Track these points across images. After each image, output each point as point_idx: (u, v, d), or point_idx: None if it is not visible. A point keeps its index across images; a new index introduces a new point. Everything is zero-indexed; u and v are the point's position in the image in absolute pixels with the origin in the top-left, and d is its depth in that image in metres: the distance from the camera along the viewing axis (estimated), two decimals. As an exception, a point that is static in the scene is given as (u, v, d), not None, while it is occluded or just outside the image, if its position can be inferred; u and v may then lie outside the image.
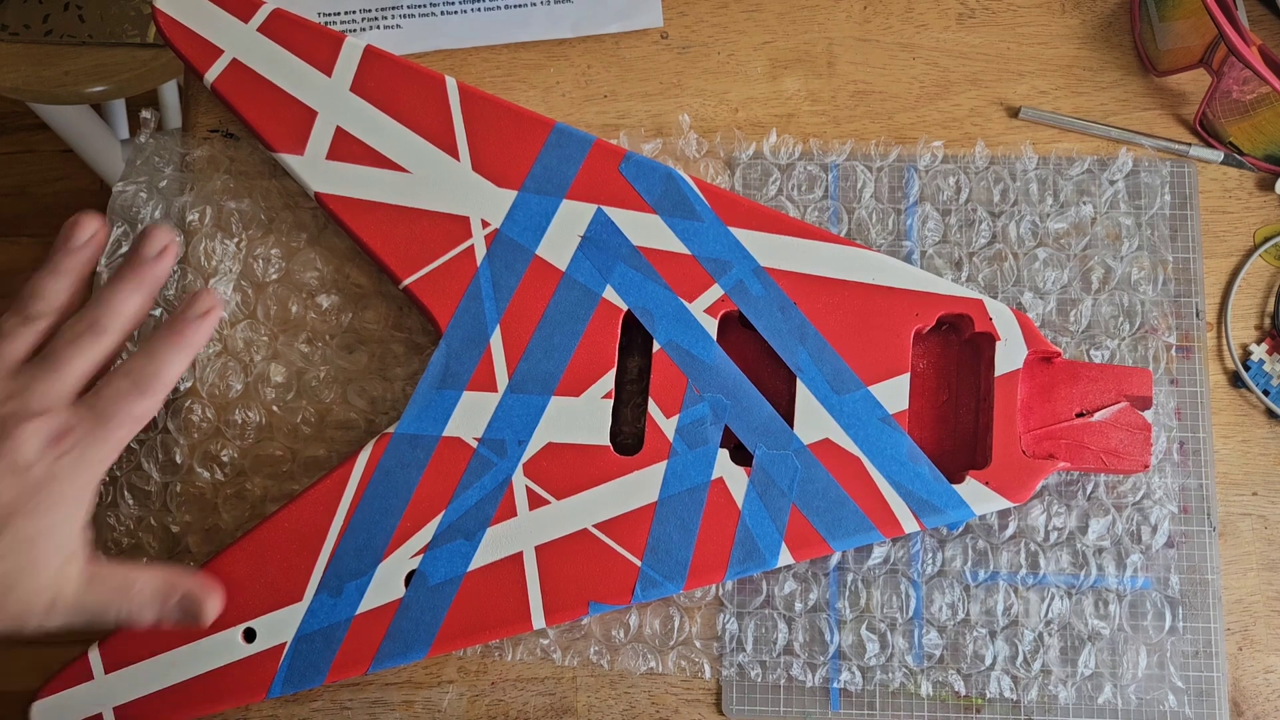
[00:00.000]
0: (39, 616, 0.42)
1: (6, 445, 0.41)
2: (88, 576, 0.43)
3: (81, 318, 0.44)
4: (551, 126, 0.55)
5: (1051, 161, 0.58)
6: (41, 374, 0.43)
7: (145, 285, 0.46)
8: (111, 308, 0.44)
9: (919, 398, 0.55)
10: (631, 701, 0.54)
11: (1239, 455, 0.56)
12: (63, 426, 0.42)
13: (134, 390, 0.43)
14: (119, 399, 0.43)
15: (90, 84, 0.93)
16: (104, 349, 0.44)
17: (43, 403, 0.42)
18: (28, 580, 0.41)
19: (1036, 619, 0.53)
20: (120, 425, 0.43)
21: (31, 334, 0.44)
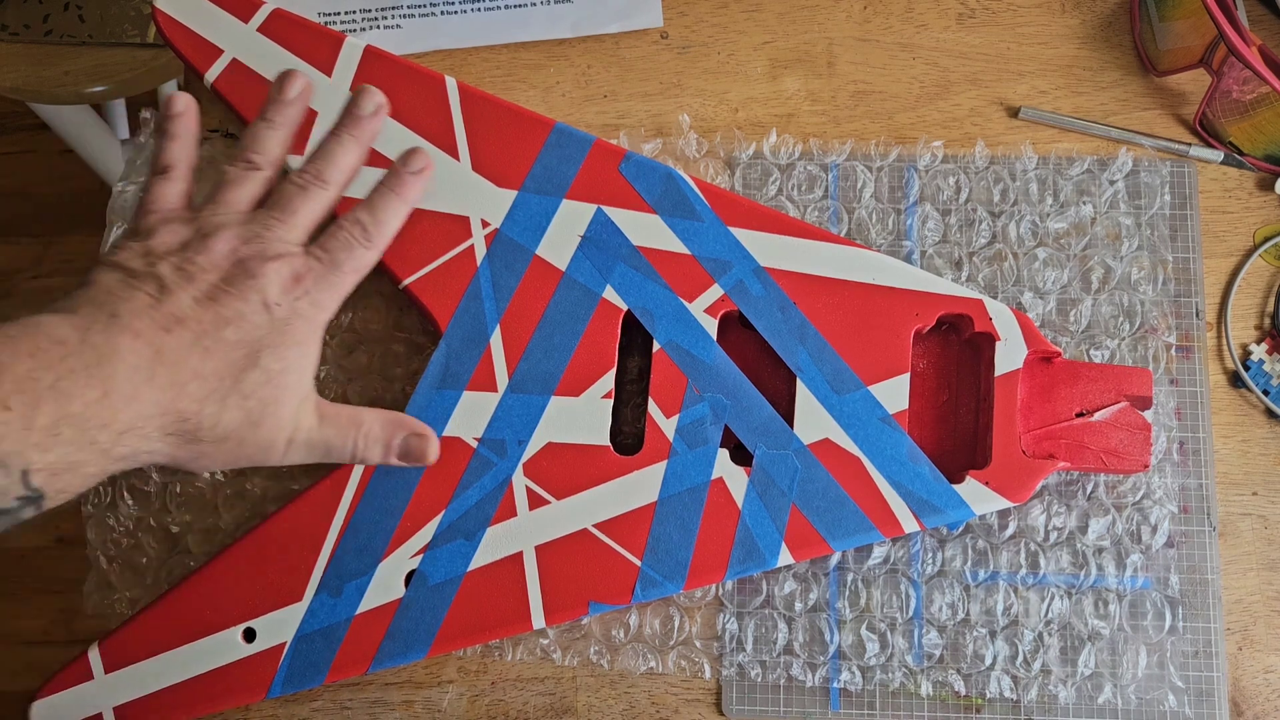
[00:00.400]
0: (281, 449, 0.44)
1: (253, 284, 0.42)
2: (321, 413, 0.45)
3: (306, 169, 0.46)
4: (551, 126, 0.55)
5: (1051, 161, 0.58)
6: (275, 219, 0.44)
7: (362, 140, 0.47)
8: (334, 161, 0.46)
9: (919, 398, 0.55)
10: (631, 701, 0.54)
11: (1239, 455, 0.56)
12: (300, 269, 0.43)
13: (361, 238, 0.45)
14: (348, 247, 0.45)
15: (90, 84, 0.93)
16: (328, 199, 0.46)
17: (280, 246, 0.43)
18: (274, 413, 0.43)
19: (1036, 619, 0.53)
20: (349, 272, 0.45)
21: (256, 181, 0.46)
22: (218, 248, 0.43)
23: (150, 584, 0.55)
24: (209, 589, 0.51)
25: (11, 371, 0.37)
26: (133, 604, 0.55)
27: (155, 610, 0.51)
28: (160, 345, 0.40)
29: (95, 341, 0.39)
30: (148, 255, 0.42)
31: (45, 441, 0.37)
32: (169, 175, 0.46)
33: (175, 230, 0.43)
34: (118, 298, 0.41)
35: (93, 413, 0.38)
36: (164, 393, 0.40)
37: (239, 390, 0.41)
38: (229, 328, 0.41)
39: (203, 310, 0.41)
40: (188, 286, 0.41)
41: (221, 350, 0.41)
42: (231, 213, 0.44)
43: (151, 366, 0.39)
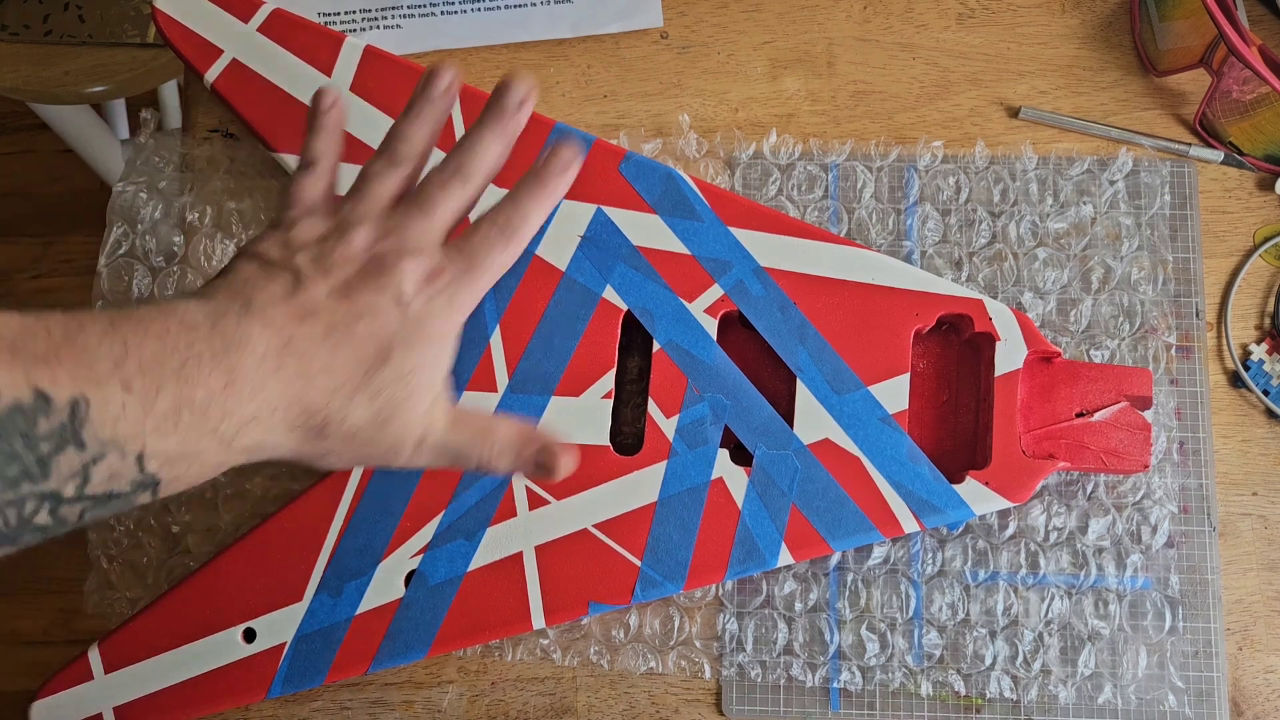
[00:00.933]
0: (408, 452, 0.42)
1: (388, 279, 0.41)
2: (452, 418, 0.43)
3: (448, 164, 0.44)
4: (551, 126, 0.55)
5: (1051, 161, 0.58)
6: (415, 215, 0.43)
7: (506, 134, 0.45)
8: (476, 155, 0.45)
9: (919, 398, 0.55)
10: (631, 701, 0.54)
11: (1239, 455, 0.56)
12: (437, 266, 0.42)
13: (501, 237, 0.43)
14: (487, 245, 0.43)
15: (90, 84, 0.93)
16: (469, 195, 0.44)
17: (418, 242, 0.42)
18: (404, 413, 0.41)
19: (1036, 619, 0.53)
20: (487, 270, 0.43)
21: (398, 177, 0.44)
22: (355, 241, 0.42)
23: (150, 584, 0.55)
24: (209, 589, 0.51)
25: (138, 353, 0.36)
26: (133, 604, 0.55)
27: (155, 610, 0.51)
28: (291, 335, 0.39)
29: (226, 328, 0.38)
30: (286, 246, 0.42)
31: (164, 426, 0.36)
32: (313, 169, 0.45)
33: (315, 224, 0.43)
34: (254, 286, 0.40)
35: (216, 400, 0.37)
36: (291, 384, 0.39)
37: (369, 387, 0.40)
38: (361, 322, 0.40)
39: (336, 303, 0.40)
40: (323, 279, 0.41)
41: (353, 344, 0.40)
42: (372, 207, 0.43)
43: (280, 356, 0.39)
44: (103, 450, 0.35)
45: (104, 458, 0.35)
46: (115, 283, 0.58)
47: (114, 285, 0.58)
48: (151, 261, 0.58)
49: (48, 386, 0.34)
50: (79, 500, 0.35)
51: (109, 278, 0.58)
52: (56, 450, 0.34)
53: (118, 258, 0.58)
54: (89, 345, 0.35)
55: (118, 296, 0.58)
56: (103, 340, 0.35)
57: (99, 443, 0.35)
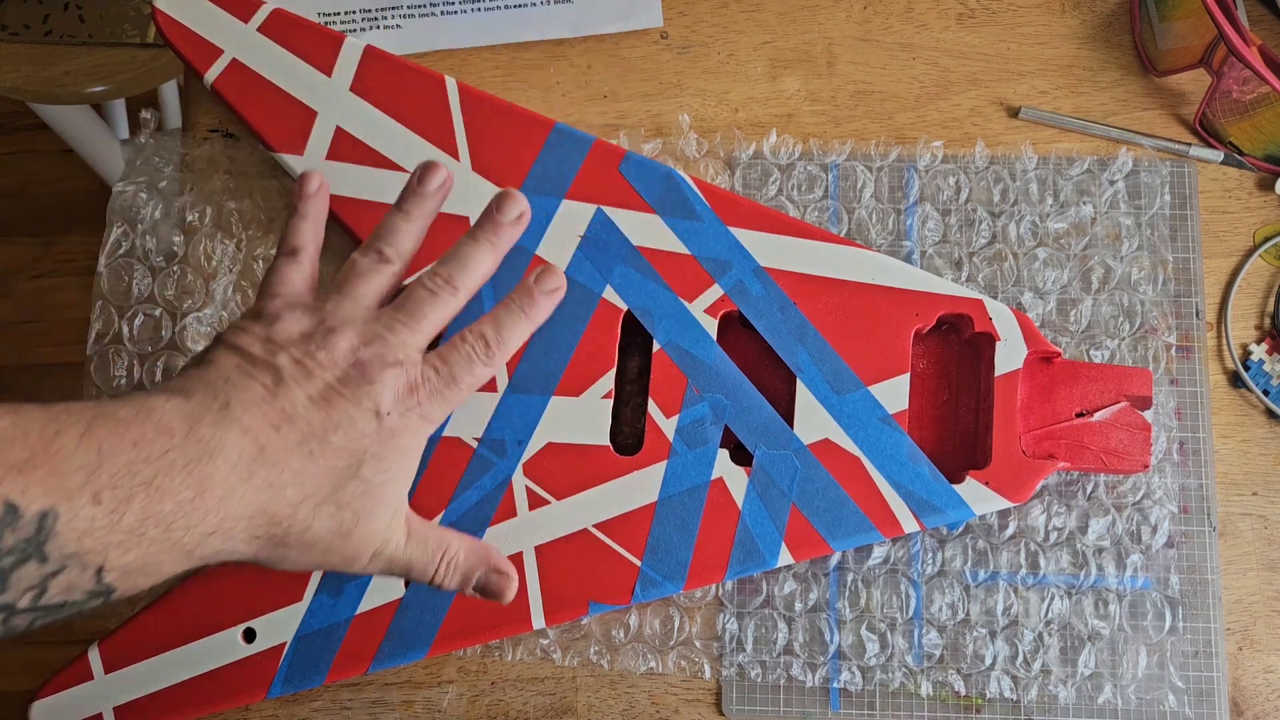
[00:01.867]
0: (364, 562, 0.42)
1: (369, 390, 0.40)
2: (410, 531, 0.43)
3: (438, 274, 0.44)
4: (551, 126, 0.55)
5: (1051, 161, 0.58)
6: (400, 323, 0.42)
7: (499, 248, 0.45)
8: (468, 268, 0.44)
9: (919, 398, 0.55)
10: (631, 701, 0.54)
11: (1239, 455, 0.56)
12: (415, 380, 0.41)
13: (483, 355, 0.43)
14: (468, 362, 0.43)
15: (90, 84, 0.93)
16: (456, 307, 0.44)
17: (401, 353, 0.42)
18: (365, 526, 0.41)
19: (1036, 619, 0.53)
20: (464, 387, 0.43)
21: (386, 275, 0.44)
22: (339, 345, 0.41)
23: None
24: (209, 589, 0.51)
25: (111, 463, 0.35)
26: (133, 604, 0.55)
27: (155, 610, 0.51)
28: (265, 443, 0.38)
29: (202, 435, 0.37)
30: (269, 343, 0.41)
31: (127, 541, 0.35)
32: (297, 258, 0.45)
33: (298, 319, 0.42)
34: (233, 386, 0.39)
35: (183, 512, 0.36)
36: (259, 494, 0.38)
37: (335, 499, 0.40)
38: (337, 432, 0.40)
39: (314, 410, 0.40)
40: (304, 383, 0.40)
41: (326, 455, 0.39)
42: (358, 308, 0.43)
43: (252, 465, 0.38)
44: (64, 564, 0.34)
45: (64, 570, 0.34)
46: (115, 283, 0.58)
47: (114, 285, 0.58)
48: (151, 261, 0.58)
49: (18, 498, 0.33)
50: (32, 611, 0.34)
51: (109, 277, 0.58)
52: (18, 564, 0.33)
53: (118, 258, 0.58)
54: (64, 452, 0.34)
55: (118, 297, 0.58)
56: (79, 447, 0.35)
57: (62, 556, 0.34)
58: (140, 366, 0.57)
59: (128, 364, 0.57)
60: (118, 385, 0.57)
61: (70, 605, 0.36)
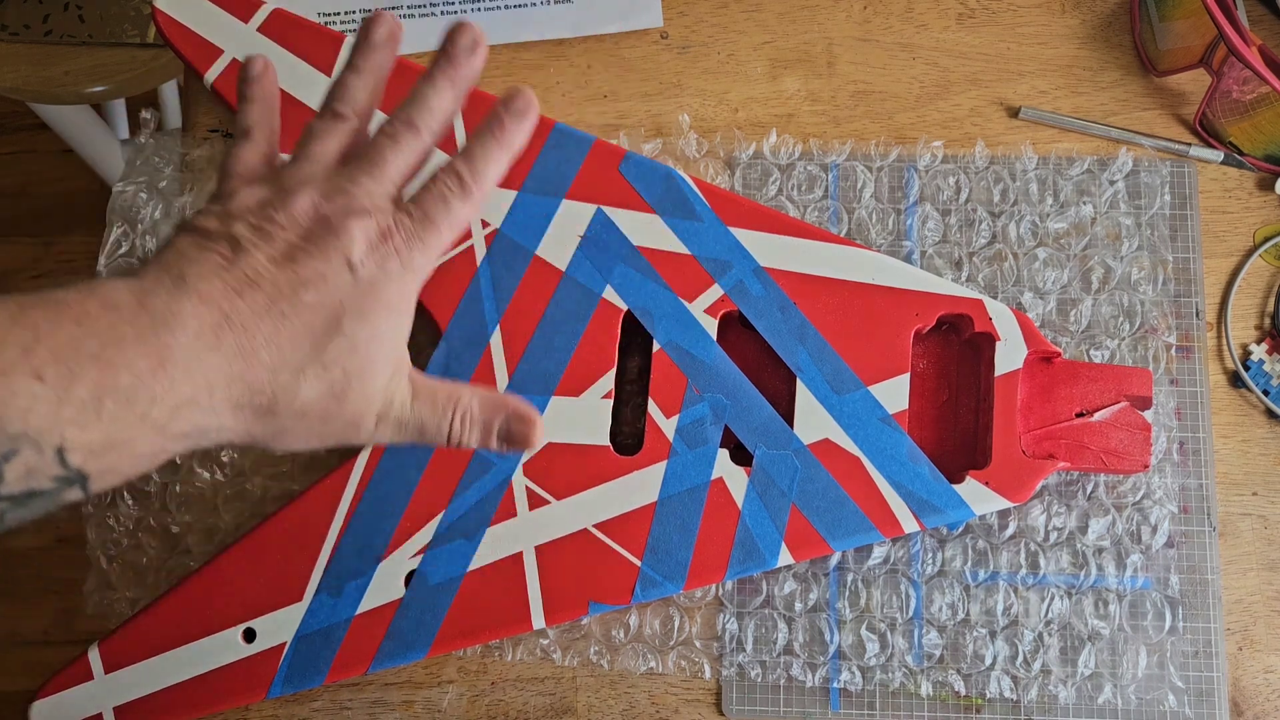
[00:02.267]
0: (369, 427, 0.40)
1: (336, 242, 0.38)
2: (416, 389, 0.41)
3: (397, 117, 0.42)
4: (551, 126, 0.55)
5: (1051, 161, 0.58)
6: (363, 172, 0.40)
7: (458, 83, 0.42)
8: (427, 106, 0.42)
9: (919, 398, 0.55)
10: (631, 701, 0.54)
11: (1239, 455, 0.56)
12: (388, 226, 0.39)
13: (457, 191, 0.41)
14: (443, 200, 0.40)
15: (90, 84, 0.93)
16: (421, 148, 0.42)
17: (367, 201, 0.39)
18: (361, 386, 0.39)
19: (1036, 619, 0.53)
20: (444, 229, 0.40)
21: (342, 133, 0.42)
22: (299, 204, 0.39)
23: (150, 584, 0.55)
24: (209, 589, 0.51)
25: (50, 339, 0.33)
26: (133, 604, 0.55)
27: (155, 610, 0.51)
28: (230, 309, 0.36)
29: (154, 306, 0.35)
30: (225, 216, 0.39)
31: (84, 417, 0.33)
32: (250, 136, 0.43)
33: (256, 190, 0.40)
34: (187, 259, 0.37)
35: (144, 384, 0.34)
36: (232, 362, 0.36)
37: (319, 359, 0.37)
38: (308, 289, 0.37)
39: (280, 271, 0.37)
40: (264, 246, 0.38)
41: (299, 314, 0.37)
42: (316, 167, 0.41)
43: (217, 332, 0.36)
44: (14, 445, 0.32)
45: (17, 454, 0.32)
46: (115, 283, 0.58)
47: (114, 285, 0.58)
48: (151, 261, 0.58)
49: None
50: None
51: (109, 277, 0.58)
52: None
53: (118, 258, 0.58)
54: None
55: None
56: (10, 328, 0.33)
57: (8, 438, 0.32)
58: (140, 366, 0.57)
59: (128, 364, 0.57)
60: (118, 385, 0.57)
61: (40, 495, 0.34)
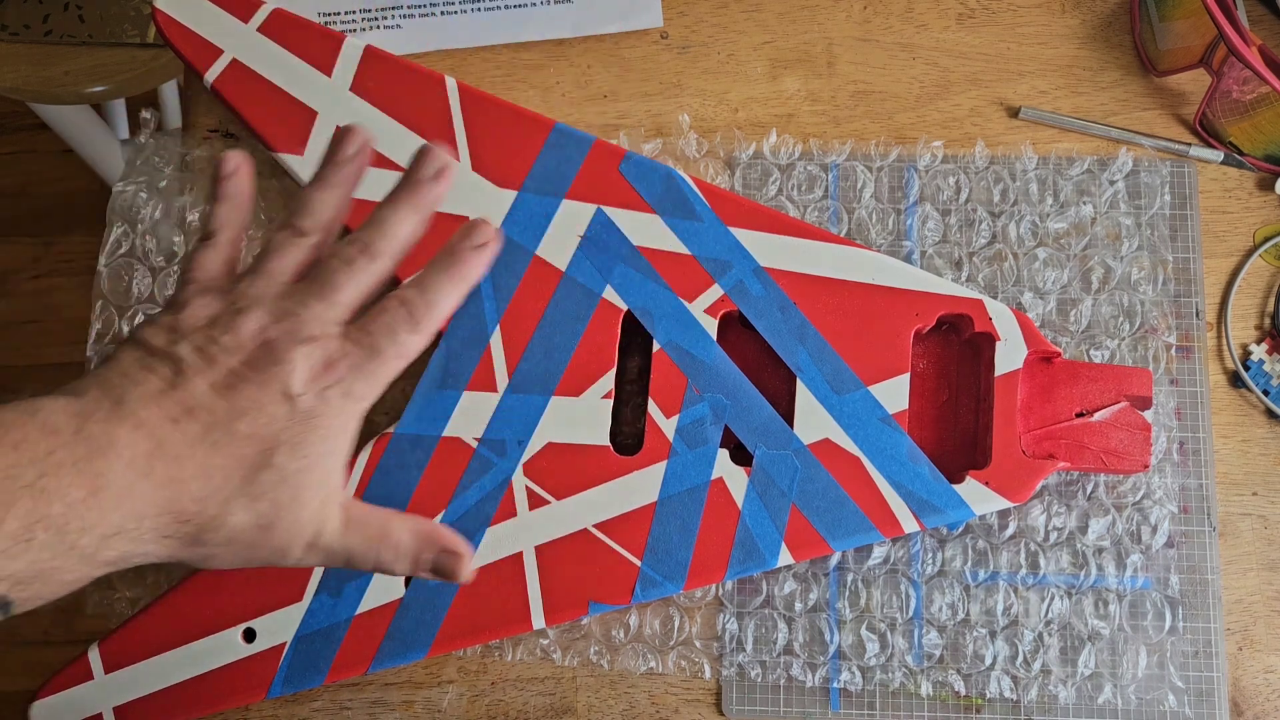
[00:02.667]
0: (297, 554, 0.39)
1: (277, 370, 0.37)
2: (347, 518, 0.40)
3: (354, 240, 0.41)
4: (551, 126, 0.55)
5: (1051, 161, 0.58)
6: (313, 296, 0.39)
7: (421, 207, 0.42)
8: (386, 231, 0.41)
9: (919, 398, 0.55)
10: (631, 701, 0.54)
11: (1239, 455, 0.56)
12: (333, 355, 0.38)
13: (408, 322, 0.40)
14: (390, 331, 0.39)
15: (90, 84, 0.93)
16: (377, 274, 0.41)
17: (314, 328, 0.38)
18: (290, 516, 0.38)
19: (1036, 619, 0.53)
20: (391, 359, 0.39)
21: (301, 249, 0.41)
22: (246, 326, 0.38)
23: (150, 584, 0.55)
24: (209, 589, 0.51)
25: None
26: (133, 604, 0.55)
27: (155, 610, 0.51)
28: (163, 437, 0.36)
29: (92, 432, 0.35)
30: (173, 332, 0.38)
31: (13, 549, 0.33)
32: (213, 241, 0.42)
33: (208, 303, 0.39)
34: (129, 380, 0.37)
35: (75, 514, 0.34)
36: (161, 491, 0.36)
37: (248, 490, 0.37)
38: (243, 419, 0.37)
39: (218, 399, 0.37)
40: (206, 371, 0.37)
41: (231, 445, 0.37)
42: (271, 284, 0.40)
43: (150, 461, 0.36)
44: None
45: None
46: (115, 283, 0.58)
47: (114, 285, 0.58)
48: (151, 261, 0.58)
49: None
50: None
51: (109, 278, 0.58)
52: None
53: (118, 258, 0.58)
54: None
55: (118, 297, 0.58)
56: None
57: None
58: (140, 366, 0.57)
59: (128, 364, 0.57)
60: (118, 385, 0.57)
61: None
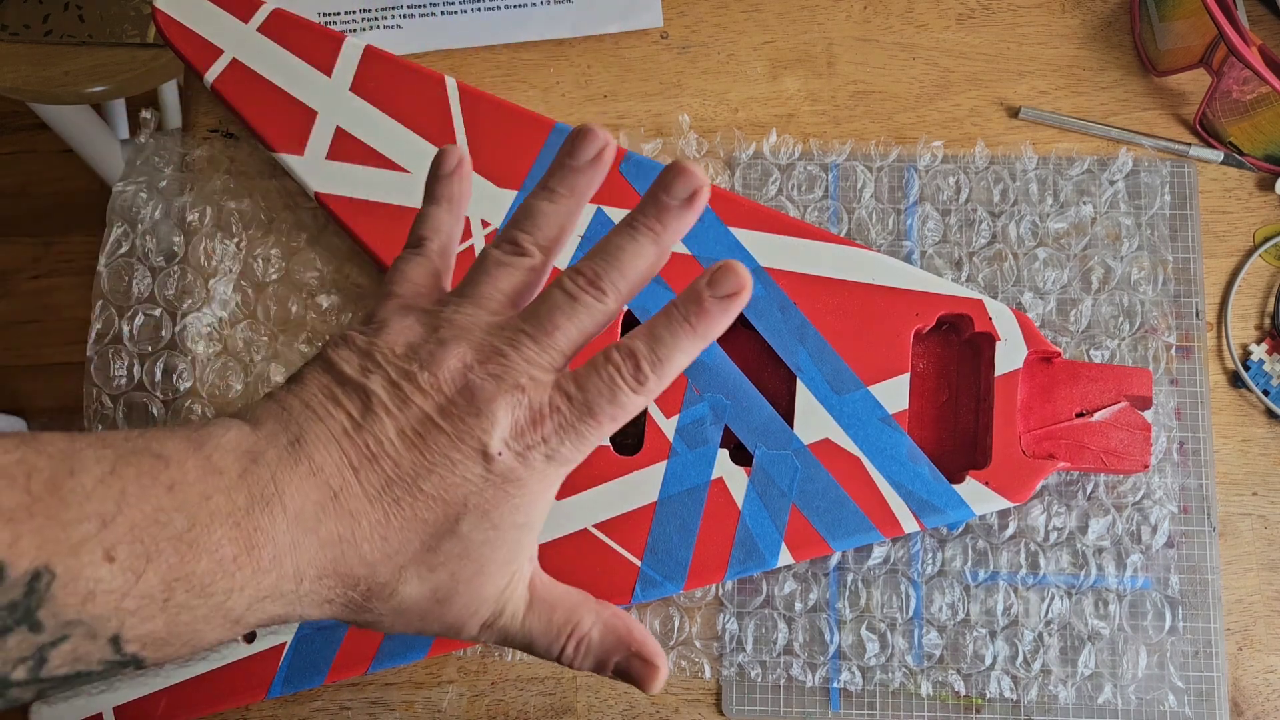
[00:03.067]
0: (472, 632, 0.35)
1: (476, 423, 0.32)
2: (533, 599, 0.35)
3: (582, 270, 0.35)
4: (551, 126, 0.55)
5: (1051, 161, 0.58)
6: (527, 336, 0.34)
7: (664, 240, 0.35)
8: (621, 266, 0.34)
9: (919, 398, 0.55)
10: (631, 702, 0.54)
11: (1239, 455, 0.56)
12: (541, 410, 0.33)
13: (631, 380, 0.33)
14: (611, 389, 0.33)
15: (90, 84, 0.93)
16: (603, 316, 0.35)
17: (524, 375, 0.33)
18: (469, 591, 0.33)
19: (1036, 619, 0.53)
20: (606, 421, 0.34)
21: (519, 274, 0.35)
22: (448, 363, 0.33)
23: (150, 584, 0.55)
24: (209, 589, 0.51)
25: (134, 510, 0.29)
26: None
27: (155, 610, 0.51)
28: (340, 486, 0.32)
29: (259, 477, 0.31)
30: (366, 358, 0.33)
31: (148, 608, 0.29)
32: (422, 249, 0.37)
33: (409, 327, 0.34)
34: (311, 414, 0.32)
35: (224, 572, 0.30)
36: (327, 550, 0.31)
37: (426, 559, 0.32)
38: (430, 477, 0.32)
39: (405, 449, 0.32)
40: (397, 413, 0.32)
41: (415, 504, 0.32)
42: (480, 314, 0.34)
43: (319, 515, 0.31)
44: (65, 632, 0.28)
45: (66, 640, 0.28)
46: (115, 282, 0.58)
47: (114, 285, 0.58)
48: (152, 261, 0.58)
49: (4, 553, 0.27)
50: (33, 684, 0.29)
51: (109, 278, 0.58)
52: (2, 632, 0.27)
53: (118, 258, 0.58)
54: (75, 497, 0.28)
55: (118, 297, 0.58)
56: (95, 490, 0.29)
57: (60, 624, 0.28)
58: (140, 366, 0.57)
59: (128, 364, 0.57)
60: (118, 385, 0.57)
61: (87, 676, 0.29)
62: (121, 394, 0.57)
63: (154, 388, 0.57)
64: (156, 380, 0.57)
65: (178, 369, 0.57)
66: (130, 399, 0.57)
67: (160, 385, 0.57)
